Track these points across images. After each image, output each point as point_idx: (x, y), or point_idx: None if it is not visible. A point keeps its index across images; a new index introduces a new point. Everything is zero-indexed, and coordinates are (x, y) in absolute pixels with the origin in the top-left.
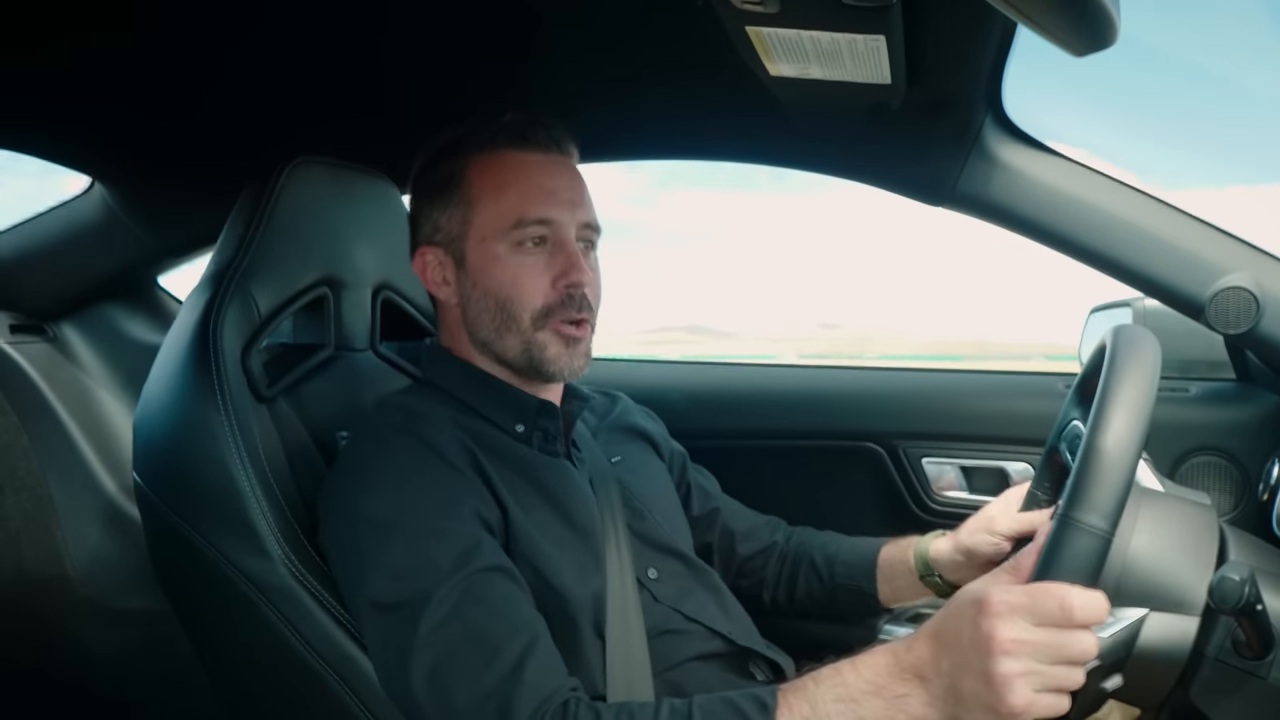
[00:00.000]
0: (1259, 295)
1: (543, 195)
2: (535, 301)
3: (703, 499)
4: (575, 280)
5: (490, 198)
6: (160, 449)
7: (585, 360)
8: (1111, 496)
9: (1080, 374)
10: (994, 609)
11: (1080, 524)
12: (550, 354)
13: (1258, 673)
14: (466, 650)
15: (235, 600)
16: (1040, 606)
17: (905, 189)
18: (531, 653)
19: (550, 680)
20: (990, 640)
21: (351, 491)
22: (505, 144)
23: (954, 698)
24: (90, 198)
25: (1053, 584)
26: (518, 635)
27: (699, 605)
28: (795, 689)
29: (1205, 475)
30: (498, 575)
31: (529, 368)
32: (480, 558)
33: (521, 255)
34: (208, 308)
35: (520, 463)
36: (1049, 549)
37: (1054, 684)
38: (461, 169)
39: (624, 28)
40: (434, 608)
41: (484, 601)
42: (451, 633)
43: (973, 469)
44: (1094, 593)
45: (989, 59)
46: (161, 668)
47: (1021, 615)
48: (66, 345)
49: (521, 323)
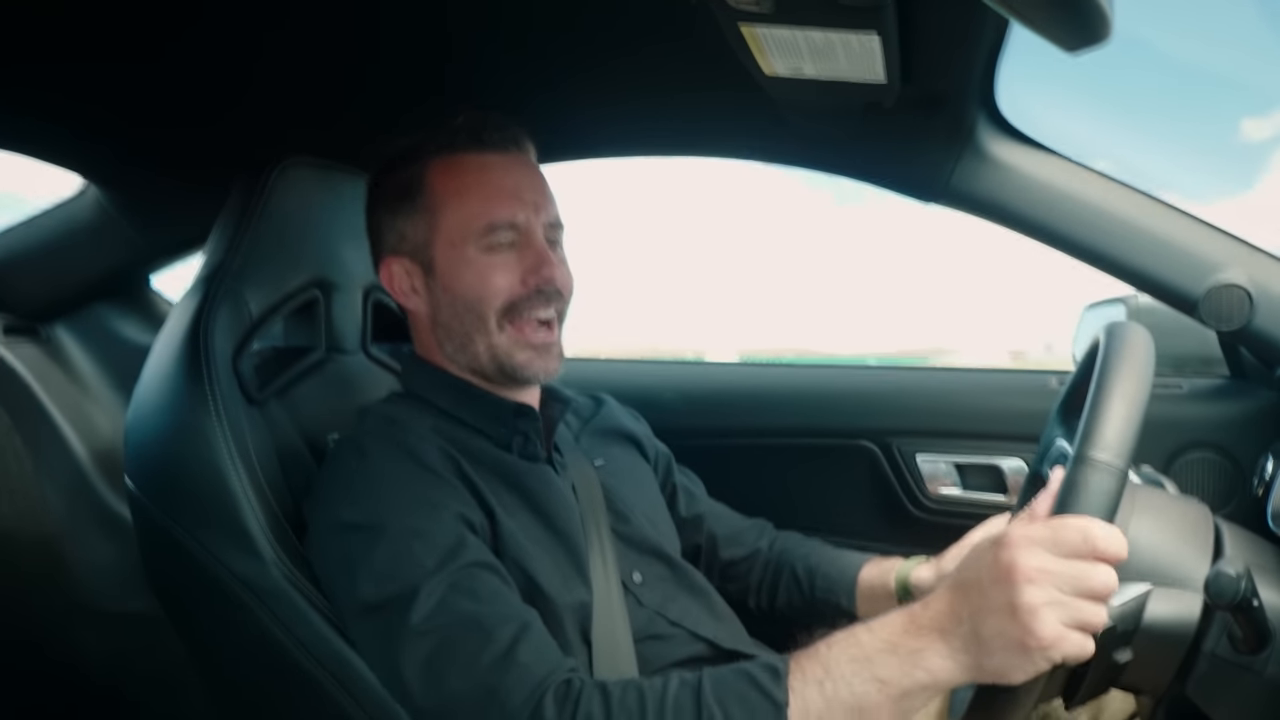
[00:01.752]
0: (1252, 291)
1: (507, 197)
2: (500, 299)
3: (688, 501)
4: (546, 275)
5: (455, 203)
6: (152, 452)
7: (557, 362)
8: (1124, 433)
9: (1065, 386)
10: (1014, 541)
11: (1096, 461)
12: (519, 360)
13: (1253, 668)
14: (458, 638)
15: (228, 603)
16: (1062, 537)
17: (899, 186)
18: (524, 637)
19: (546, 662)
20: (1012, 570)
21: (334, 500)
22: (463, 147)
23: (976, 644)
24: (83, 199)
25: (1072, 516)
26: (509, 621)
27: (683, 609)
28: (809, 654)
29: (1199, 471)
30: (484, 570)
31: (499, 372)
32: (464, 554)
33: (490, 257)
34: (198, 310)
35: (502, 468)
36: (1066, 486)
37: (1079, 618)
38: (421, 175)
39: (619, 27)
40: (422, 601)
41: (472, 593)
42: (441, 623)
43: (967, 466)
44: (1113, 527)
45: (982, 56)
46: (155, 670)
47: (1043, 545)
48: (59, 347)
49: (488, 323)
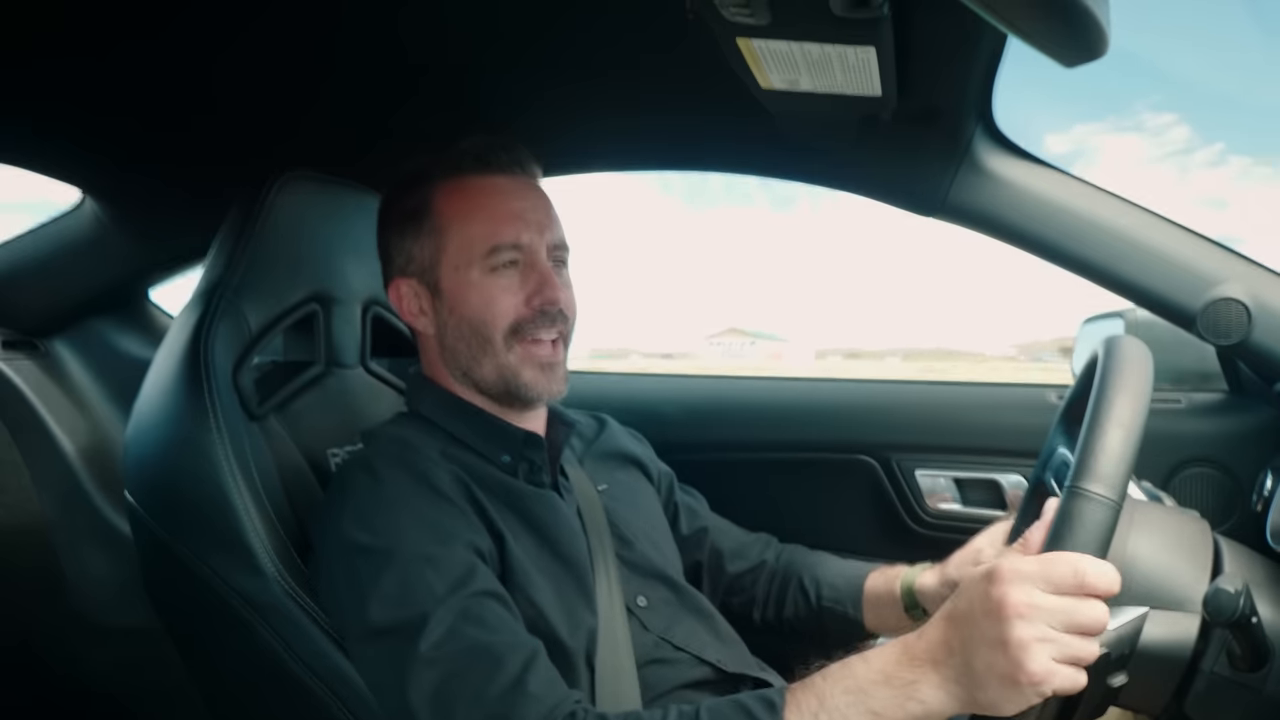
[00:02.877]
0: (1250, 306)
1: (511, 219)
2: (507, 319)
3: (691, 519)
4: (549, 297)
5: (460, 225)
6: (152, 467)
7: (562, 383)
8: (1118, 467)
9: (1066, 398)
10: (1005, 576)
11: (1089, 494)
12: (525, 379)
13: (1252, 685)
14: (467, 667)
15: (229, 618)
16: (1053, 573)
17: (896, 200)
18: (533, 667)
19: (554, 692)
20: (1003, 606)
21: (345, 522)
22: (469, 170)
23: (968, 676)
24: (81, 213)
25: (1064, 552)
26: (518, 650)
27: (688, 633)
28: (804, 686)
29: (1198, 487)
30: (492, 600)
31: (506, 393)
32: (474, 583)
33: (495, 278)
34: (198, 325)
35: (509, 494)
36: (1059, 520)
37: (1070, 654)
38: (428, 198)
39: (615, 42)
40: (431, 628)
41: (481, 622)
42: (451, 651)
43: (966, 481)
44: (1105, 563)
45: (979, 70)
46: (155, 684)
47: (1034, 581)
48: (58, 361)
49: (495, 344)
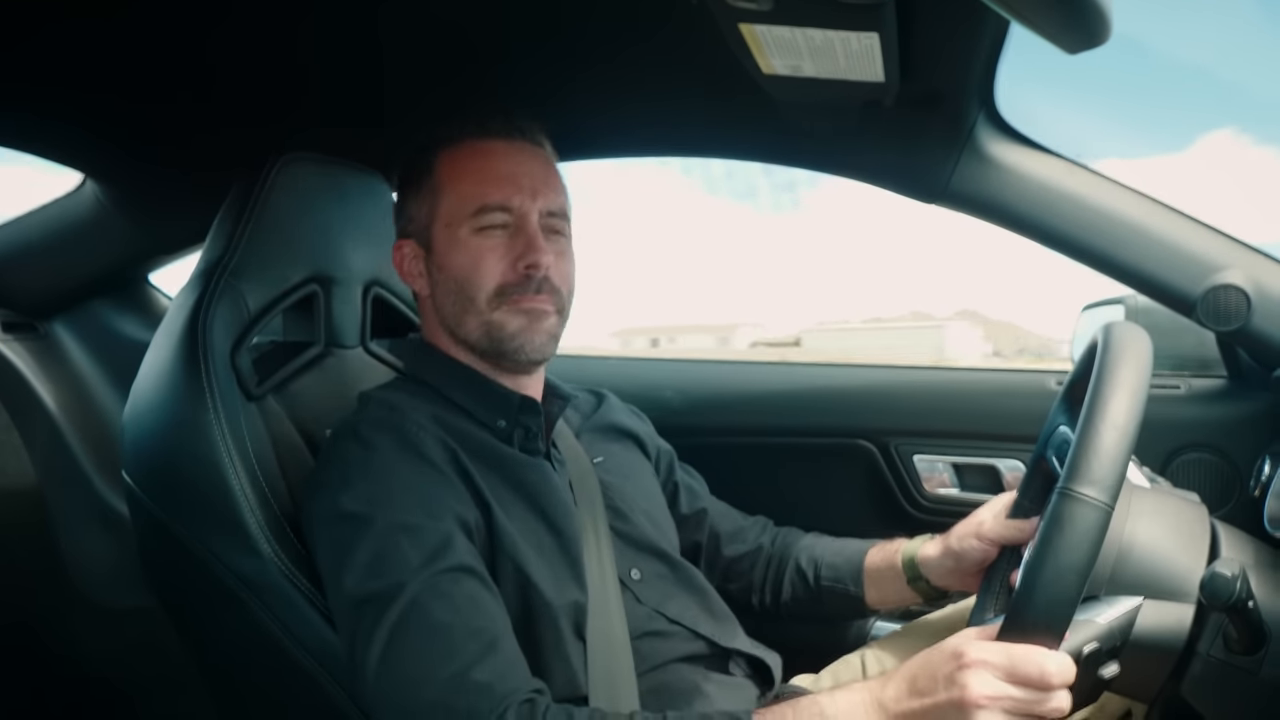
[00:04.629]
0: (1250, 292)
1: (503, 180)
2: (492, 281)
3: (690, 499)
4: (533, 261)
5: (453, 185)
6: (150, 448)
7: (548, 339)
8: (1111, 470)
9: (1068, 379)
10: (971, 663)
11: (1081, 496)
12: (510, 330)
13: (1248, 669)
14: (423, 647)
15: (226, 599)
16: (1018, 668)
17: (899, 186)
18: (489, 654)
19: (507, 682)
20: (965, 693)
21: (331, 488)
22: (469, 134)
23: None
24: (82, 194)
25: (1032, 649)
26: (478, 636)
27: (681, 607)
28: (772, 713)
29: (1196, 472)
30: (465, 575)
31: (492, 349)
32: (450, 556)
33: (482, 239)
34: (196, 305)
35: (500, 462)
36: (1049, 522)
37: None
38: (430, 161)
39: (618, 27)
40: (398, 603)
41: (447, 598)
42: (410, 627)
43: (964, 466)
44: (1066, 657)
45: (982, 57)
46: (154, 666)
47: (998, 673)
48: (58, 343)
49: (478, 303)
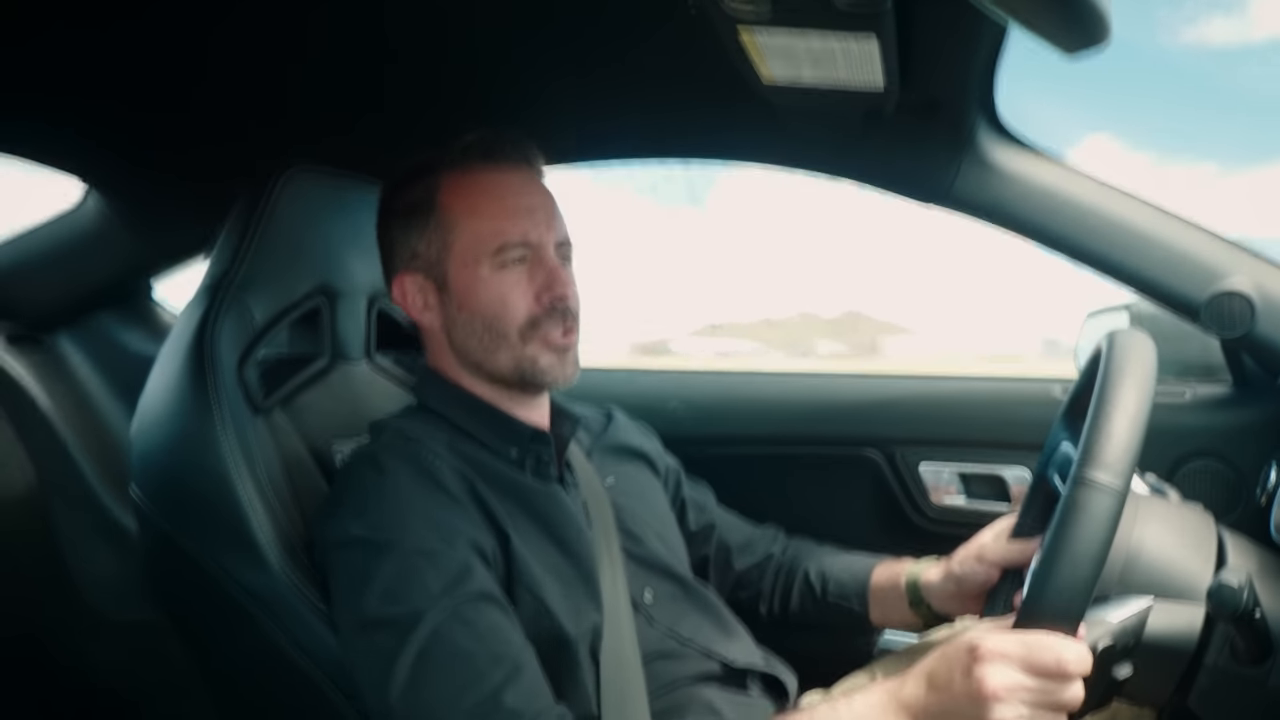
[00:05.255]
0: (1255, 298)
1: (521, 215)
2: (520, 315)
3: (699, 514)
4: (559, 294)
5: (468, 220)
6: (157, 462)
7: (575, 368)
8: (1124, 455)
9: (1070, 392)
10: (987, 655)
11: (1095, 483)
12: (543, 365)
13: (1256, 679)
14: (449, 673)
15: (234, 613)
16: (1035, 658)
17: (902, 190)
18: (514, 679)
19: (533, 706)
20: (982, 686)
21: (346, 514)
22: (476, 161)
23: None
24: (85, 208)
25: (1048, 637)
26: (501, 662)
27: (694, 627)
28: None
29: (1202, 480)
30: (486, 603)
31: (521, 381)
32: (470, 583)
33: (504, 274)
34: (203, 319)
35: (515, 490)
36: (1065, 510)
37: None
38: (434, 191)
39: (618, 34)
40: (421, 628)
41: (471, 626)
42: (435, 655)
43: (970, 475)
44: (1083, 647)
45: (981, 62)
46: (161, 679)
47: (1015, 664)
48: (62, 356)
49: (510, 338)
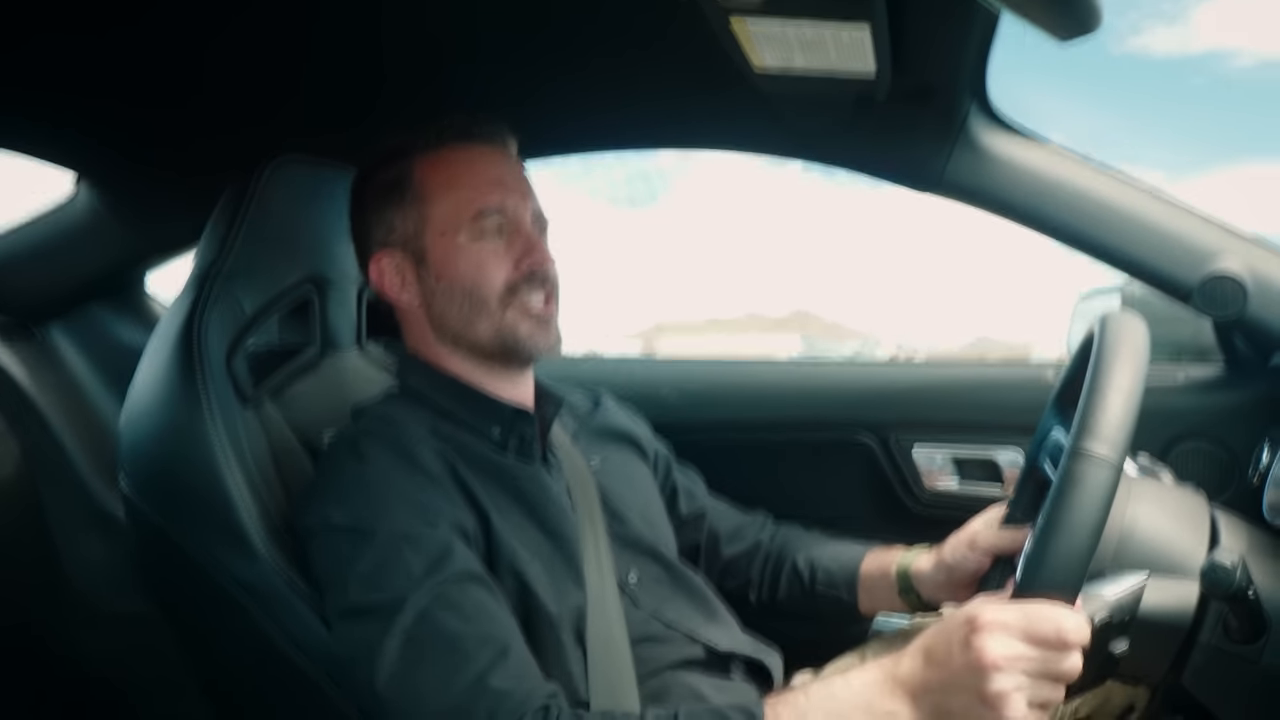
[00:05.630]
0: (1246, 280)
1: (495, 185)
2: (499, 282)
3: (689, 501)
4: (536, 259)
5: (444, 192)
6: (146, 453)
7: (557, 339)
8: (1119, 426)
9: (1060, 379)
10: (986, 625)
11: (1091, 454)
12: (523, 333)
13: (1249, 657)
14: (436, 656)
15: (224, 604)
16: (1035, 628)
17: (893, 177)
18: (503, 660)
19: (522, 686)
20: (981, 657)
21: (327, 501)
22: (451, 140)
23: (944, 715)
24: (76, 200)
25: (1047, 606)
26: (489, 643)
27: (679, 611)
28: (785, 701)
29: (1195, 461)
30: (471, 583)
31: (503, 351)
32: (453, 564)
33: (482, 243)
34: (191, 310)
35: (497, 471)
36: (1061, 482)
37: (1042, 698)
38: (409, 169)
39: (610, 24)
40: (405, 613)
41: (456, 608)
42: (422, 638)
43: (962, 459)
44: (1082, 617)
45: (973, 48)
46: (153, 670)
47: (1014, 634)
48: (53, 347)
49: (490, 304)
